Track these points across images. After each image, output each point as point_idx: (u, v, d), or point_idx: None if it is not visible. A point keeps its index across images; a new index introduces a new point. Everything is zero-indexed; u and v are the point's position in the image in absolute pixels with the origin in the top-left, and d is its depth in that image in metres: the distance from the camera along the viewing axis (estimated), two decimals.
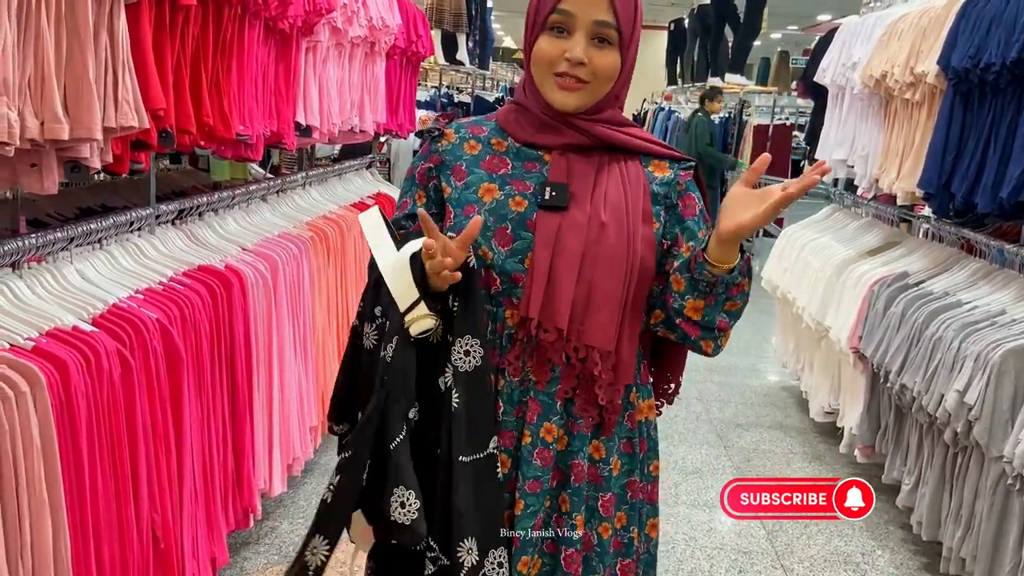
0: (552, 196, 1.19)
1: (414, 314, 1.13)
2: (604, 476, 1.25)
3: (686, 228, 1.25)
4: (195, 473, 1.95)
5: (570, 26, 1.17)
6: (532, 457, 1.21)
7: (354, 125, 3.30)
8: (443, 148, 1.29)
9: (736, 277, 1.16)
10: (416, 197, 1.30)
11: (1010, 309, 2.51)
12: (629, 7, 1.18)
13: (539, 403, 1.21)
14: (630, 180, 1.23)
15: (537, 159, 1.25)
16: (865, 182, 3.46)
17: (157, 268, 2.03)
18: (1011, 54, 2.37)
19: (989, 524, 2.26)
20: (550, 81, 1.20)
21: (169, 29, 1.82)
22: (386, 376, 1.14)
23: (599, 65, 1.18)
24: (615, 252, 1.17)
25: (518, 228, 1.20)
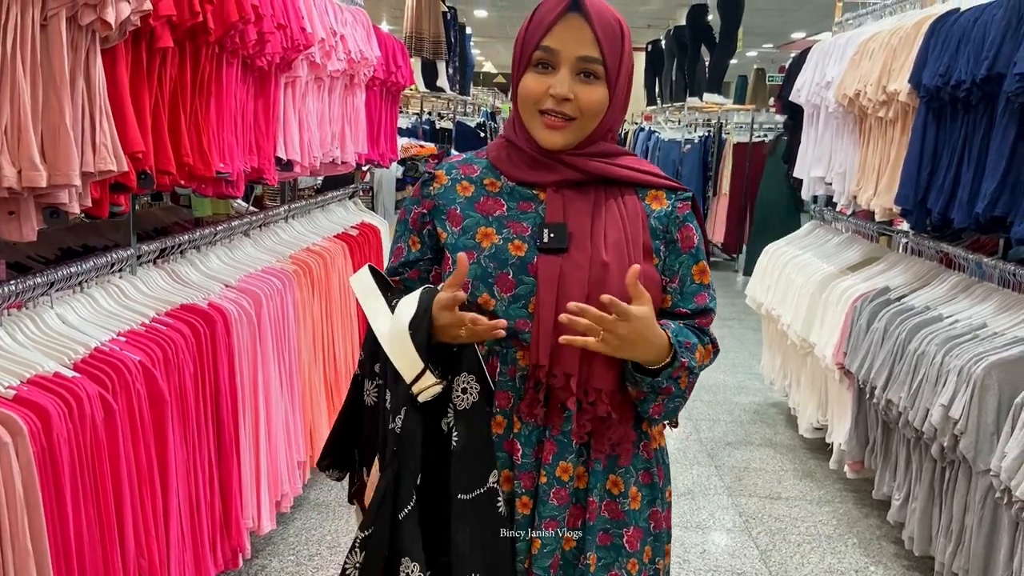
0: (551, 238, 1.17)
1: (421, 384, 1.12)
2: (625, 511, 1.24)
3: (682, 263, 1.24)
4: (182, 515, 1.93)
5: (554, 62, 1.16)
6: (549, 497, 1.20)
7: (335, 157, 3.31)
8: (435, 191, 1.27)
9: (660, 382, 1.16)
10: (410, 243, 1.29)
11: (991, 322, 2.54)
12: (615, 40, 1.17)
13: (555, 443, 1.20)
14: (628, 215, 1.21)
15: (532, 198, 1.23)
16: (843, 199, 3.50)
17: (139, 309, 2.02)
18: (980, 72, 2.41)
19: (979, 538, 2.27)
20: (536, 119, 1.19)
21: (146, 71, 1.82)
22: (396, 448, 1.14)
23: (585, 101, 1.17)
24: (618, 291, 1.14)
25: (519, 273, 1.18)
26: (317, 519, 2.96)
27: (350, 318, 3.40)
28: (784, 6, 10.48)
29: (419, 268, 1.30)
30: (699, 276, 1.25)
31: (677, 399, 1.21)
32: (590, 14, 1.15)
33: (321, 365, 3.04)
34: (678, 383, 1.18)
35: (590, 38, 1.15)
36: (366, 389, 1.26)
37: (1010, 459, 2.05)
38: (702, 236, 1.27)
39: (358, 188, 4.44)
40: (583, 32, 1.15)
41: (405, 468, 1.14)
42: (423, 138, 7.60)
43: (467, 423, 1.15)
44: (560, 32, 1.16)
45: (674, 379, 1.17)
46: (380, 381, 1.23)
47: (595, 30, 1.15)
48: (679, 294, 1.24)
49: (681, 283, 1.24)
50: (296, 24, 2.51)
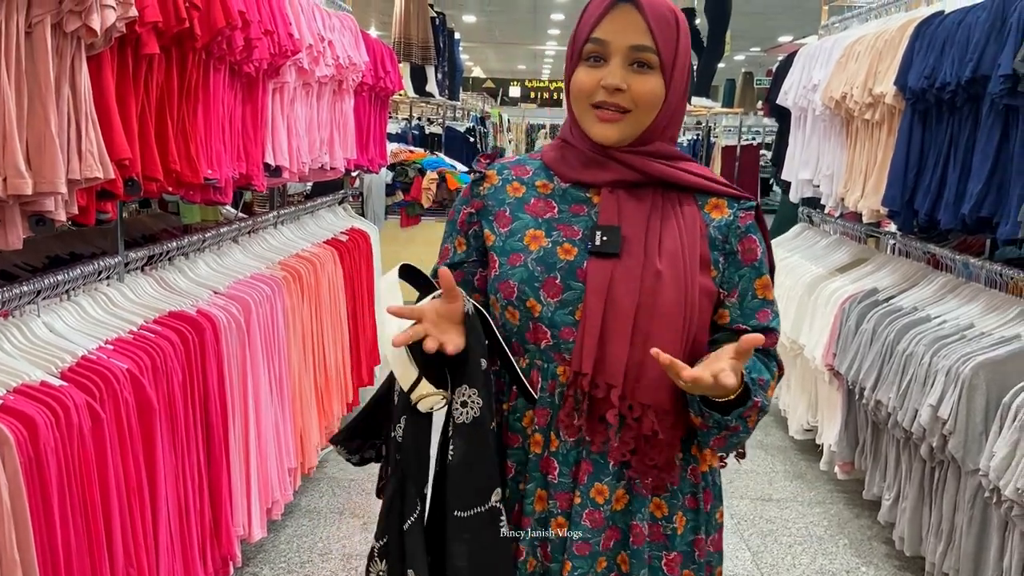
0: (604, 242, 1.12)
1: (418, 392, 1.09)
2: (667, 534, 1.18)
3: (743, 276, 1.17)
4: (171, 523, 1.92)
5: (606, 54, 1.12)
6: (581, 519, 1.15)
7: (324, 163, 3.31)
8: (485, 191, 1.23)
9: (729, 420, 1.09)
10: (456, 244, 1.25)
11: (978, 322, 2.55)
12: (669, 29, 1.12)
13: (591, 463, 1.15)
14: (686, 223, 1.15)
15: (585, 201, 1.18)
16: (831, 201, 3.51)
17: (127, 317, 2.01)
18: (965, 74, 2.43)
19: (969, 538, 2.28)
20: (589, 114, 1.14)
21: (132, 78, 1.82)
22: (399, 456, 1.12)
23: (639, 91, 1.11)
24: (671, 304, 1.09)
25: (568, 278, 1.13)
26: (308, 526, 2.95)
27: (340, 324, 3.39)
28: (771, 10, 10.55)
29: (464, 270, 1.25)
30: (762, 291, 1.18)
31: (742, 435, 1.14)
32: (641, 2, 1.11)
33: (312, 371, 3.03)
34: (746, 421, 1.11)
35: (642, 26, 1.11)
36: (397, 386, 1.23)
37: (998, 459, 2.06)
38: (767, 249, 1.20)
39: (348, 194, 4.44)
40: (634, 21, 1.11)
41: (409, 476, 1.11)
42: (412, 143, 7.61)
43: (466, 438, 1.10)
44: (610, 22, 1.12)
45: (743, 418, 1.10)
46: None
47: (647, 18, 1.10)
48: (738, 309, 1.17)
49: (741, 298, 1.17)
50: (283, 30, 2.51)
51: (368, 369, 3.82)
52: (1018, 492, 1.97)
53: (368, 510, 3.10)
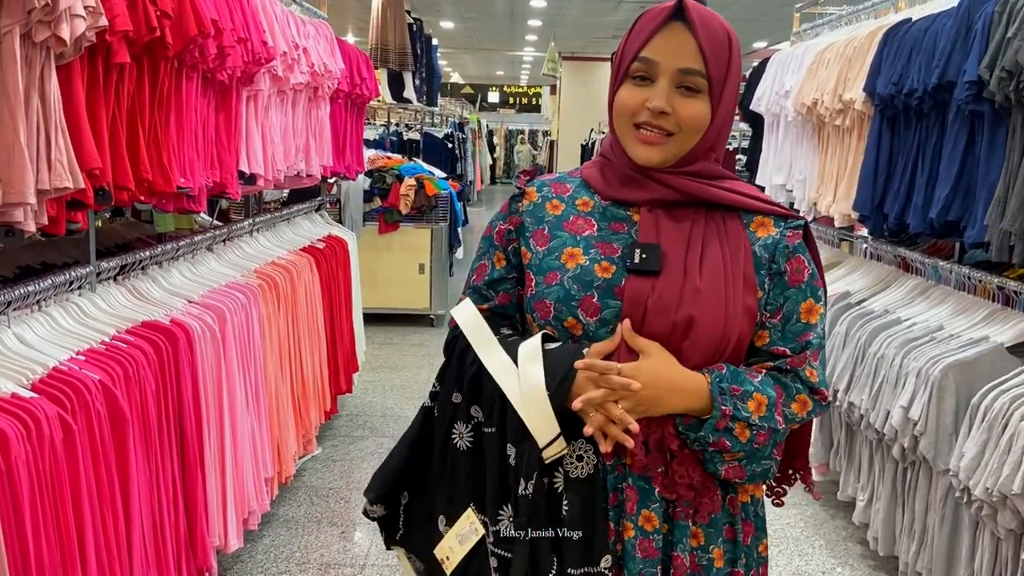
0: (643, 259, 1.09)
1: (553, 449, 1.05)
2: (703, 565, 1.14)
3: (788, 297, 1.13)
4: (145, 535, 1.91)
5: (653, 74, 1.09)
6: (635, 551, 1.10)
7: (300, 170, 3.30)
8: (524, 208, 1.20)
9: (705, 437, 1.07)
10: (495, 260, 1.22)
11: (947, 324, 2.59)
12: (721, 52, 1.09)
13: (635, 489, 1.11)
14: (729, 241, 1.11)
15: (625, 219, 1.15)
16: (804, 205, 3.55)
17: (99, 327, 1.99)
18: (932, 80, 2.47)
19: (941, 537, 2.31)
20: (631, 134, 1.11)
21: (103, 86, 1.81)
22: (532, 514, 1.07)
23: (684, 115, 1.08)
24: (710, 323, 1.06)
25: (605, 296, 1.10)
26: (286, 536, 2.93)
27: (318, 332, 3.38)
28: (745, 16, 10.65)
29: (506, 291, 1.22)
30: (806, 315, 1.13)
31: (763, 461, 1.10)
32: (694, 23, 1.07)
33: (288, 380, 3.02)
34: (733, 437, 1.07)
35: (693, 48, 1.07)
36: (456, 431, 1.16)
37: (968, 459, 2.10)
38: (817, 271, 1.15)
39: (324, 201, 4.43)
40: (686, 42, 1.07)
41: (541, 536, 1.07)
42: (390, 149, 7.61)
43: (580, 493, 1.07)
44: (660, 42, 1.08)
45: (722, 431, 1.06)
46: (488, 429, 1.13)
47: (699, 40, 1.07)
48: (779, 331, 1.13)
49: (784, 320, 1.13)
50: (257, 38, 2.50)
51: (347, 376, 3.81)
52: (987, 492, 2.00)
53: (346, 519, 3.09)
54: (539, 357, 1.07)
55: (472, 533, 1.13)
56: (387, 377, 4.81)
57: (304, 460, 3.49)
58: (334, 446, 3.76)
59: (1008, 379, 2.15)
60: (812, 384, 1.13)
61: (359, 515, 3.10)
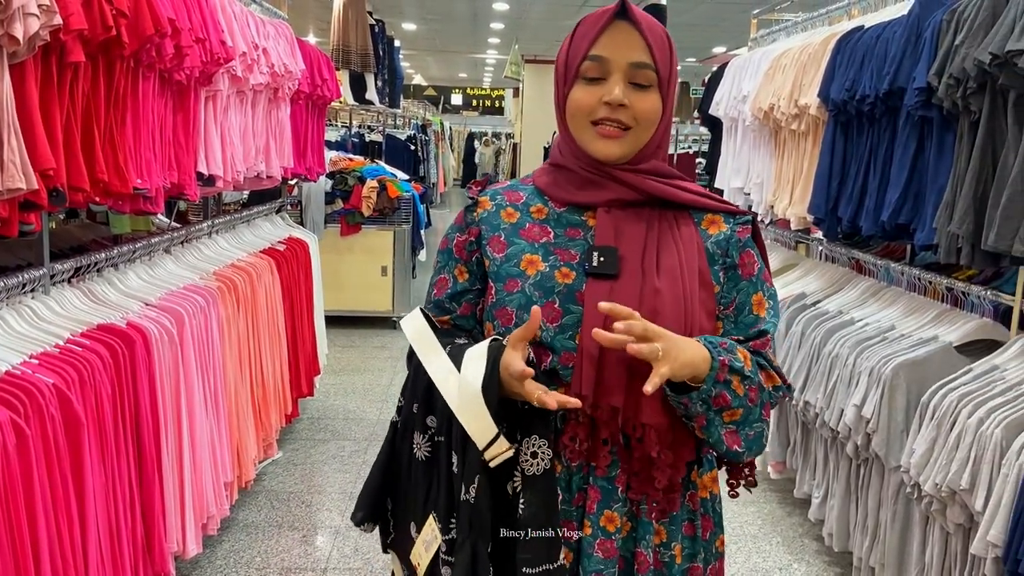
0: (601, 262, 1.10)
1: (494, 450, 1.05)
2: (665, 562, 1.15)
3: (740, 290, 1.16)
4: (101, 542, 1.88)
5: (605, 71, 1.10)
6: (594, 549, 1.11)
7: (260, 171, 3.27)
8: (479, 218, 1.21)
9: (708, 391, 1.05)
10: (456, 273, 1.22)
11: (899, 324, 2.66)
12: (664, 47, 1.12)
13: (598, 489, 1.12)
14: (683, 240, 1.14)
15: (580, 224, 1.17)
16: (761, 208, 3.62)
17: (53, 330, 1.96)
18: (883, 86, 2.53)
19: (893, 532, 2.37)
20: (589, 131, 1.12)
21: (57, 86, 1.78)
22: (472, 519, 1.07)
23: (641, 109, 1.10)
24: (670, 321, 1.06)
25: (567, 302, 1.11)
26: (246, 540, 2.90)
27: (278, 334, 3.36)
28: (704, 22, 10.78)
29: (469, 301, 1.22)
30: (757, 307, 1.17)
31: (754, 424, 1.10)
32: (638, 20, 1.10)
33: (248, 383, 2.99)
34: (732, 389, 1.06)
35: (640, 44, 1.10)
36: (416, 442, 1.17)
37: (918, 455, 2.15)
38: (764, 264, 1.19)
39: (285, 202, 4.39)
40: (633, 38, 1.10)
41: (481, 539, 1.07)
42: (353, 151, 7.56)
43: (536, 491, 1.07)
44: (608, 40, 1.11)
45: (722, 383, 1.05)
46: (440, 437, 1.14)
47: (645, 35, 1.10)
48: (732, 323, 1.16)
49: (737, 311, 1.16)
50: (216, 38, 2.48)
51: (308, 379, 3.78)
52: (937, 487, 2.06)
53: (307, 522, 3.06)
54: (483, 359, 1.07)
55: (433, 540, 1.14)
56: (349, 380, 4.78)
57: (265, 464, 3.46)
58: (295, 450, 3.73)
59: (956, 377, 2.21)
60: (776, 365, 1.16)
61: (320, 519, 3.09)
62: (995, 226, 2.00)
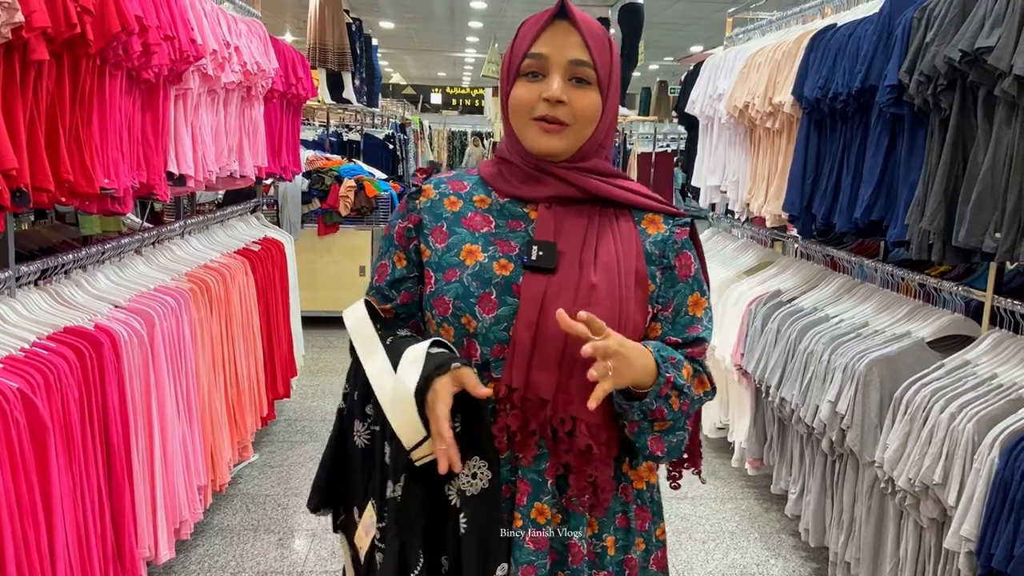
0: (539, 256, 1.12)
1: (421, 451, 1.06)
2: (597, 552, 1.17)
3: (678, 291, 1.18)
4: (69, 549, 1.84)
5: (545, 68, 1.13)
6: (524, 541, 1.12)
7: (233, 171, 3.24)
8: (422, 205, 1.22)
9: (649, 403, 1.08)
10: (395, 260, 1.23)
11: (872, 321, 2.68)
12: (603, 47, 1.15)
13: (528, 482, 1.12)
14: (622, 238, 1.16)
15: (522, 217, 1.18)
16: (738, 206, 3.63)
17: (18, 334, 1.92)
18: (855, 84, 2.54)
19: (868, 527, 2.38)
20: (531, 127, 1.14)
21: (20, 85, 1.74)
22: (399, 516, 1.09)
23: (580, 105, 1.13)
24: (605, 316, 1.07)
25: (503, 293, 1.12)
26: (220, 544, 2.87)
27: (253, 336, 3.32)
28: (680, 21, 10.83)
29: (408, 290, 1.23)
30: (693, 308, 1.19)
31: (678, 432, 1.14)
32: (577, 20, 1.14)
33: (222, 386, 2.95)
34: (669, 404, 1.10)
35: (579, 42, 1.13)
36: (356, 430, 1.19)
37: (891, 450, 2.17)
38: (701, 266, 1.21)
39: (261, 202, 4.35)
40: (572, 37, 1.13)
41: (409, 535, 1.08)
42: (330, 150, 7.51)
43: (475, 508, 1.07)
44: (549, 38, 1.13)
45: (663, 398, 1.09)
46: (376, 427, 1.16)
47: (583, 34, 1.13)
48: (670, 323, 1.18)
49: (675, 312, 1.18)
50: (185, 35, 2.45)
51: (284, 381, 3.75)
52: (910, 482, 2.07)
53: (284, 525, 3.04)
54: (419, 364, 1.06)
55: (372, 526, 1.15)
56: (327, 381, 4.75)
57: (240, 467, 3.43)
58: (272, 452, 3.69)
59: (929, 373, 2.23)
60: (709, 372, 1.19)
61: (297, 521, 3.06)
62: (965, 222, 2.01)
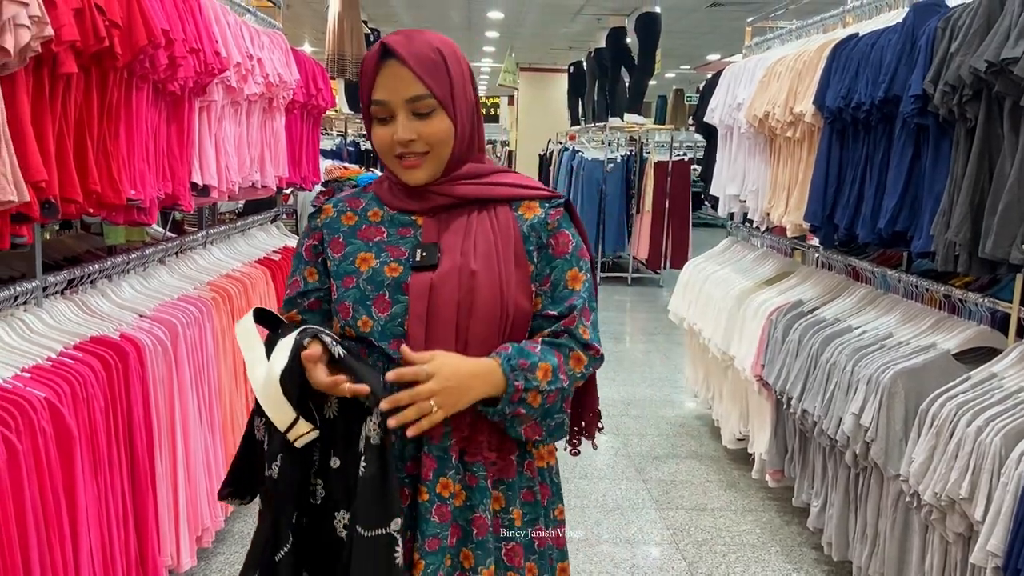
0: (423, 256, 1.23)
1: (296, 431, 1.15)
2: (506, 525, 1.27)
3: (555, 267, 1.28)
4: (93, 557, 1.85)
5: (390, 111, 1.22)
6: (430, 514, 1.21)
7: (255, 181, 3.26)
8: (322, 223, 1.33)
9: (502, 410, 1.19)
10: (306, 274, 1.33)
11: (896, 332, 2.66)
12: (438, 72, 1.22)
13: (433, 458, 1.21)
14: (500, 227, 1.26)
15: (411, 224, 1.29)
16: (757, 215, 3.61)
17: (45, 343, 1.94)
18: (878, 94, 2.53)
19: (893, 541, 2.36)
20: (396, 164, 1.25)
21: (49, 98, 1.76)
22: (273, 494, 1.18)
23: (428, 134, 1.22)
24: (487, 298, 1.20)
25: (395, 293, 1.23)
26: (241, 553, 2.87)
27: None
28: (698, 29, 10.82)
29: (317, 298, 1.32)
30: (572, 282, 1.28)
31: (554, 416, 1.25)
32: (403, 57, 1.20)
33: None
34: (528, 404, 1.20)
35: (411, 78, 1.20)
36: (256, 425, 1.29)
37: (917, 464, 2.14)
38: (581, 242, 1.30)
39: (281, 212, 4.38)
40: (403, 75, 1.20)
41: (282, 512, 1.17)
42: (348, 160, 7.55)
43: (376, 457, 1.15)
44: (384, 82, 1.21)
45: (516, 403, 1.19)
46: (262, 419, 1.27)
47: (413, 70, 1.20)
48: (549, 298, 1.27)
49: (553, 287, 1.27)
50: (210, 48, 2.47)
51: None
52: (936, 496, 2.05)
53: None
54: (288, 348, 1.15)
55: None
56: None
57: None
58: None
59: (954, 386, 2.20)
60: (585, 341, 1.27)
61: None
62: (992, 233, 2.00)
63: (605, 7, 9.61)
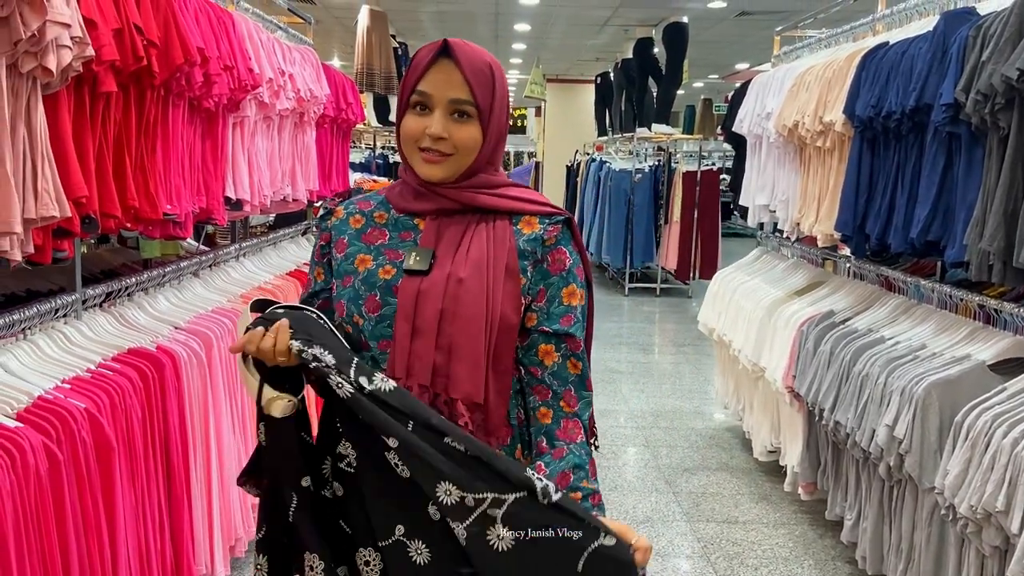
0: (415, 260, 1.27)
1: (265, 398, 1.20)
2: None
3: (550, 284, 1.29)
4: (131, 565, 1.89)
5: (429, 104, 1.25)
6: None
7: (286, 194, 3.31)
8: (331, 224, 1.37)
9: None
10: (316, 274, 1.39)
11: (930, 343, 2.62)
12: (485, 83, 1.25)
13: None
14: (495, 237, 1.28)
15: (413, 228, 1.32)
16: (787, 225, 3.59)
17: (85, 355, 1.99)
18: (909, 103, 2.51)
19: (928, 555, 2.32)
20: (417, 155, 1.27)
21: (90, 115, 1.81)
22: (266, 457, 1.25)
23: (459, 138, 1.25)
24: (473, 306, 1.22)
25: (385, 295, 1.27)
26: None
27: None
28: (727, 39, 10.79)
29: (325, 298, 1.37)
30: (568, 298, 1.29)
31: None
32: (459, 59, 1.24)
33: None
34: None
35: (460, 81, 1.24)
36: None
37: (952, 476, 2.11)
38: (579, 260, 1.32)
39: (311, 224, 4.43)
40: (454, 76, 1.24)
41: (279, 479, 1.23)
42: (376, 172, 7.64)
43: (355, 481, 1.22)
44: (433, 76, 1.24)
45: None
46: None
47: (465, 74, 1.24)
48: (544, 313, 1.28)
49: (548, 303, 1.28)
50: (243, 65, 2.52)
51: None
52: (972, 509, 2.02)
53: None
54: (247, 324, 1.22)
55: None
56: None
57: None
58: None
59: (990, 397, 2.17)
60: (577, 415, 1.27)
61: None
62: None
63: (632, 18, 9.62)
